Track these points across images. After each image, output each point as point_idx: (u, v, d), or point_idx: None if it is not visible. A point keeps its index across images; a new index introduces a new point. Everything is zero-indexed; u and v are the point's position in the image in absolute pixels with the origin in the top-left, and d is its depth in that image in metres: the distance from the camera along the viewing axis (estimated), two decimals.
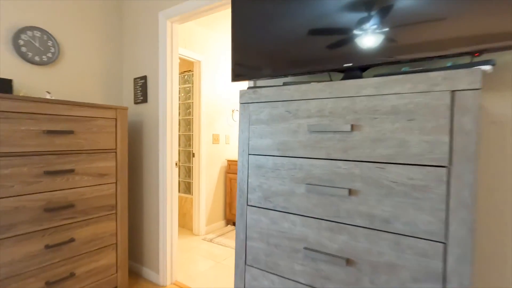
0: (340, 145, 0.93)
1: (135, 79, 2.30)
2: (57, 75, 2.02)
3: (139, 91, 2.27)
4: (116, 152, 1.92)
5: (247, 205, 1.16)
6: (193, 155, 3.27)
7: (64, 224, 1.65)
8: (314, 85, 0.99)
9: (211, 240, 3.05)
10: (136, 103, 2.31)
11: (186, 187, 3.68)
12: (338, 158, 0.93)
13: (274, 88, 1.08)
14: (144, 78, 2.23)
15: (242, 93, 1.17)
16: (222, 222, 3.56)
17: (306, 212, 1.00)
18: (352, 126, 0.90)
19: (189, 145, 3.68)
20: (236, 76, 1.29)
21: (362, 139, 0.89)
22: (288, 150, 1.04)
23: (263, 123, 1.10)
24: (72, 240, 1.68)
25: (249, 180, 1.15)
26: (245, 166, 1.16)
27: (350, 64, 1.03)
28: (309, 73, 1.14)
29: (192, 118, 3.55)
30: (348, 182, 0.91)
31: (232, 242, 2.99)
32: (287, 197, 1.04)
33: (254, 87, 1.16)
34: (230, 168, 3.49)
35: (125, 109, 1.96)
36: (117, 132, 1.92)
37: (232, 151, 3.71)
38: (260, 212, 1.11)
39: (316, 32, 1.09)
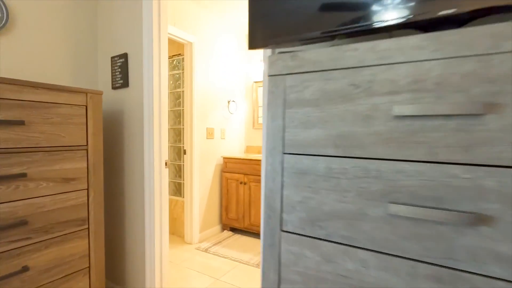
0: (458, 138, 0.55)
1: (112, 58, 1.84)
2: (6, 48, 1.54)
3: (117, 73, 1.82)
4: (87, 150, 1.48)
5: (282, 230, 0.77)
6: (184, 152, 2.84)
7: (14, 249, 1.21)
8: (402, 41, 0.60)
9: (206, 250, 2.65)
10: (114, 87, 1.86)
11: (176, 188, 3.25)
12: (454, 160, 0.55)
13: (328, 50, 0.69)
14: (124, 56, 1.78)
15: (273, 61, 0.77)
16: (218, 228, 3.16)
17: (387, 247, 0.62)
18: (483, 105, 0.52)
19: (180, 141, 3.24)
20: (261, 39, 0.88)
21: (502, 128, 0.51)
22: (355, 147, 0.65)
23: (309, 105, 0.71)
24: (25, 269, 1.24)
25: (284, 193, 0.76)
26: (278, 171, 0.76)
27: (452, 10, 0.65)
28: (372, 32, 0.74)
29: (183, 110, 3.11)
30: (473, 201, 0.54)
31: (231, 252, 2.60)
32: (351, 222, 0.66)
33: (291, 51, 0.76)
34: (227, 167, 3.08)
35: (99, 94, 1.52)
36: (89, 123, 1.48)
37: (228, 147, 3.30)
38: (304, 242, 0.72)
39: None
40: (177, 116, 3.22)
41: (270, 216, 0.78)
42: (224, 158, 3.10)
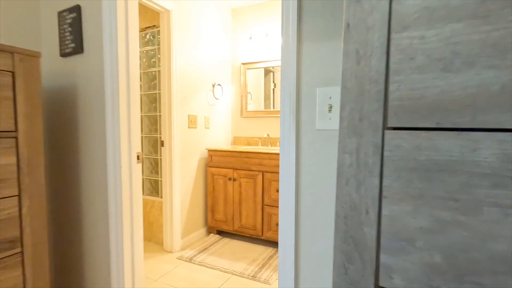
0: None
1: (60, 13, 1.34)
2: None
3: (67, 34, 1.33)
4: (16, 138, 1.01)
5: (379, 287, 0.37)
6: (162, 144, 2.37)
7: None
8: None
9: (190, 260, 2.22)
10: (63, 54, 1.37)
11: (153, 186, 2.77)
12: None
13: None
14: (76, 10, 1.29)
15: None
16: (203, 231, 2.74)
17: None
18: None
19: (156, 130, 2.75)
20: None
21: None
22: None
23: (457, 18, 0.32)
24: None
25: (385, 212, 0.36)
26: (370, 167, 0.37)
27: None
28: None
29: (159, 93, 2.62)
30: None
31: (221, 261, 2.20)
32: None
33: None
34: (212, 160, 2.65)
35: (35, 55, 1.04)
36: (18, 99, 1.00)
37: (213, 138, 2.86)
38: None
39: None
40: (152, 101, 2.72)
41: (350, 256, 0.39)
42: (209, 150, 2.67)
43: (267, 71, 2.98)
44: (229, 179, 2.56)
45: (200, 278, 1.99)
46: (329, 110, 0.79)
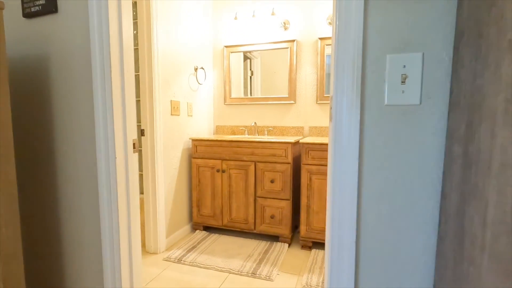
0: None
1: None
2: None
3: None
4: None
5: None
6: (142, 133, 2.09)
7: None
8: None
9: (179, 260, 2.01)
10: (28, 14, 1.07)
11: None
12: None
13: None
14: None
15: None
16: (187, 228, 2.52)
17: None
18: None
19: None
20: None
21: None
22: None
23: None
24: None
25: None
26: None
27: None
28: None
29: (138, 75, 2.30)
30: None
31: (214, 259, 2.02)
32: None
33: None
34: (197, 151, 2.43)
35: None
36: None
37: (196, 127, 2.62)
38: None
39: None
40: None
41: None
42: (194, 140, 2.43)
43: (244, 57, 2.80)
44: (218, 170, 2.37)
45: (194, 280, 1.80)
46: (403, 82, 0.67)
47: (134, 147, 1.10)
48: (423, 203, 0.68)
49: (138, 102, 2.38)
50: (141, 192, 2.38)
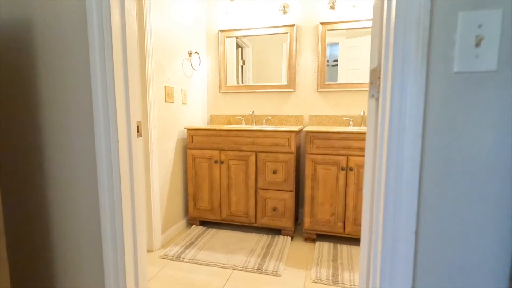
0: None
1: None
2: None
3: None
4: None
5: None
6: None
7: None
8: None
9: (178, 258, 1.87)
10: None
11: None
12: None
13: None
14: None
15: None
16: (183, 223, 2.37)
17: None
18: None
19: None
20: None
21: None
22: None
23: None
24: None
25: None
26: None
27: None
28: None
29: None
30: None
31: (216, 255, 1.90)
32: None
33: None
34: (193, 141, 2.27)
35: None
36: None
37: (191, 116, 2.46)
38: None
39: None
40: None
41: None
42: (189, 130, 2.28)
43: (236, 45, 2.66)
44: (215, 162, 2.23)
45: (197, 278, 1.67)
46: (477, 44, 0.57)
47: (138, 130, 0.95)
48: (497, 187, 0.59)
49: None
50: None
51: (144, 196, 1.00)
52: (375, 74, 0.77)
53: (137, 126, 0.95)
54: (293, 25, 2.46)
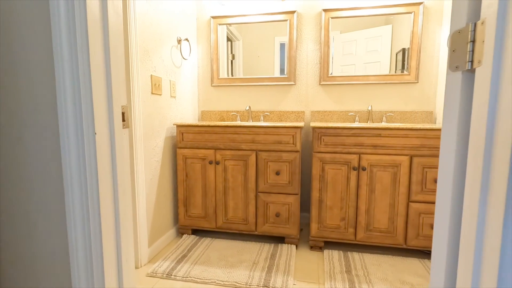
0: None
1: None
2: None
3: None
4: None
5: None
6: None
7: None
8: None
9: (169, 275, 1.60)
10: None
11: None
12: None
13: None
14: None
15: None
16: (172, 233, 2.09)
17: None
18: None
19: None
20: None
21: None
22: None
23: None
24: None
25: None
26: None
27: None
28: None
29: None
30: None
31: (213, 271, 1.64)
32: None
33: None
34: (184, 139, 2.00)
35: None
36: None
37: (180, 112, 2.18)
38: None
39: None
40: None
41: None
42: (179, 126, 2.00)
43: (227, 39, 2.42)
44: (210, 162, 1.97)
45: None
46: None
47: (123, 119, 0.69)
48: None
49: None
50: None
51: (130, 207, 0.74)
52: (461, 37, 0.56)
53: (123, 114, 0.69)
54: (293, 12, 2.24)
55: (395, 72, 2.16)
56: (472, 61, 0.54)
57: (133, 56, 1.60)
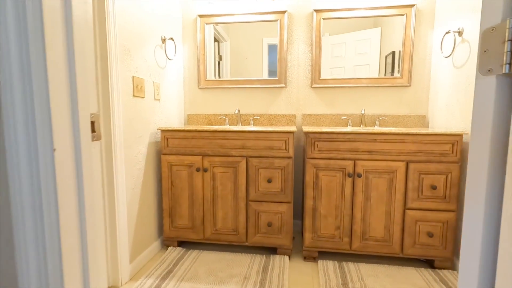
0: None
1: None
2: None
3: None
4: None
5: None
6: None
7: None
8: None
9: None
10: None
11: None
12: None
13: None
14: None
15: None
16: (157, 245, 1.94)
17: None
18: None
19: None
20: None
21: None
22: None
23: None
24: None
25: None
26: None
27: None
28: None
29: None
30: None
31: (202, 287, 1.52)
32: None
33: None
34: (169, 145, 1.87)
35: None
36: None
37: (165, 115, 2.05)
38: None
39: None
40: None
41: None
42: (164, 131, 1.87)
43: (214, 39, 2.32)
44: (197, 169, 1.84)
45: None
46: None
47: (93, 130, 0.57)
48: None
49: None
50: None
51: (102, 237, 0.61)
52: (495, 35, 0.48)
53: (92, 123, 0.57)
54: (284, 12, 2.16)
55: (385, 75, 2.12)
56: (510, 64, 0.46)
57: (112, 55, 1.46)
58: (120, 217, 1.55)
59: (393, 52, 2.15)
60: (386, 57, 2.16)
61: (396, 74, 2.10)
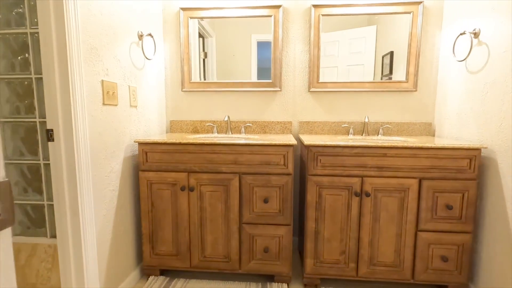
0: None
1: None
2: None
3: None
4: None
5: None
6: (49, 136, 1.19)
7: None
8: None
9: None
10: None
11: (31, 218, 1.49)
12: None
13: None
14: None
15: None
16: (135, 275, 1.68)
17: None
18: None
19: (31, 110, 1.46)
20: None
21: None
22: None
23: None
24: None
25: None
26: None
27: None
28: None
29: (34, 35, 1.35)
30: None
31: None
32: None
33: None
34: (148, 160, 1.60)
35: None
36: None
37: (146, 122, 1.77)
38: None
39: None
40: (17, 51, 1.40)
41: None
42: (142, 144, 1.59)
43: (199, 35, 2.05)
44: (182, 188, 1.59)
45: None
46: None
47: None
48: None
49: (39, 80, 1.42)
50: (52, 235, 1.46)
51: None
52: None
53: None
54: (278, 7, 1.92)
55: (382, 76, 1.93)
56: None
57: (73, 54, 1.17)
58: (88, 249, 1.28)
59: (391, 52, 1.96)
60: (383, 58, 1.97)
61: (394, 76, 1.92)
